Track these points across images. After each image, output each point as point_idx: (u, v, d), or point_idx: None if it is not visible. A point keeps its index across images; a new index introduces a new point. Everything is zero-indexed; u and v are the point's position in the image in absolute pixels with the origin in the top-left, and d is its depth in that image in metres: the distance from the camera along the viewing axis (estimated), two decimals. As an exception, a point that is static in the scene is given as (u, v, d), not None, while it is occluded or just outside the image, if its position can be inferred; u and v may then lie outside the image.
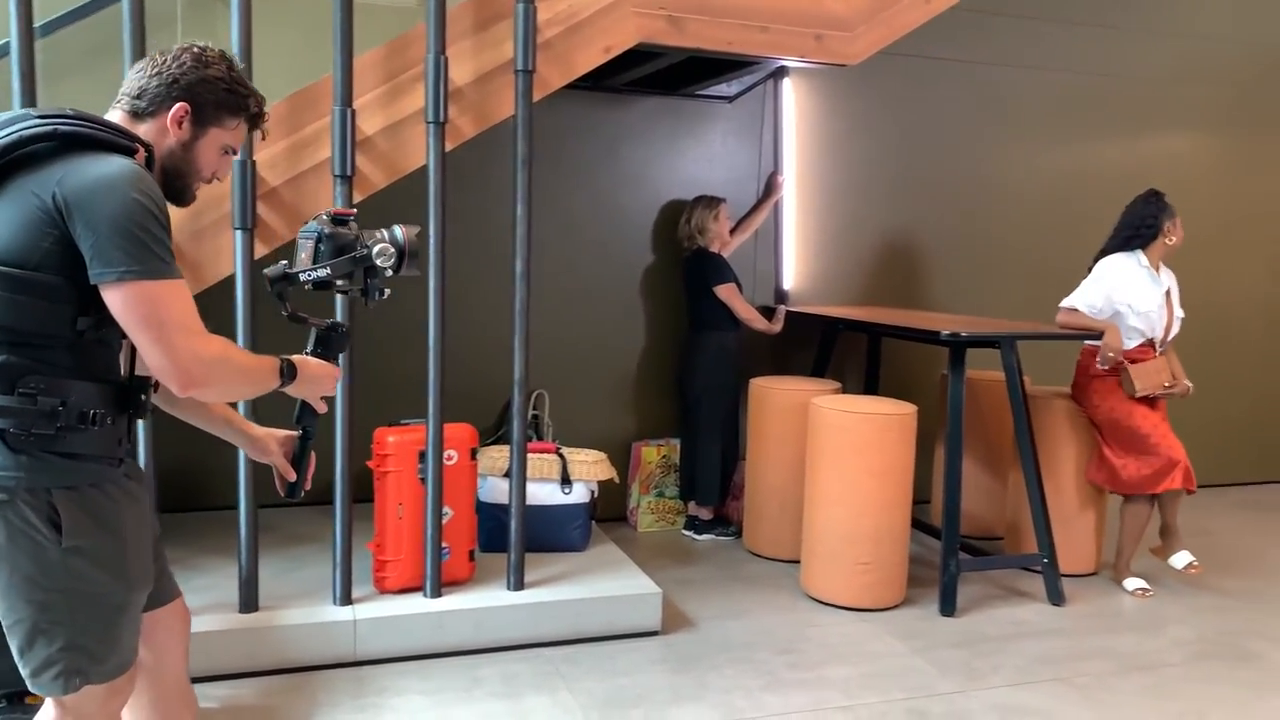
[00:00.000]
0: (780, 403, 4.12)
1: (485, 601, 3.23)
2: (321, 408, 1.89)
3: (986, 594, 3.87)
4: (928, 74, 4.99)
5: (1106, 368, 3.87)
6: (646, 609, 3.37)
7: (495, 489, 3.66)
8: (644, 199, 4.62)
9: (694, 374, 4.41)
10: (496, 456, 3.70)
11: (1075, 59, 5.22)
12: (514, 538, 3.31)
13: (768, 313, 4.61)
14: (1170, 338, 4.00)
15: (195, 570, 3.32)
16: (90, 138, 1.57)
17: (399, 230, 1.85)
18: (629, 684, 3.00)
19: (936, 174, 5.08)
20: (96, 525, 1.60)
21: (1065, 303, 3.95)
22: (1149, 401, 3.87)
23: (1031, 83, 5.16)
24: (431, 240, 3.12)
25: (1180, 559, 3.93)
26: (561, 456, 3.74)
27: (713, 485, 4.38)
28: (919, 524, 4.33)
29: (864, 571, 3.62)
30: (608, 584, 3.42)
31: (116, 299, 1.52)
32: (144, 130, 1.68)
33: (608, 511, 4.62)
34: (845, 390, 4.35)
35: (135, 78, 1.69)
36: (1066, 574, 4.02)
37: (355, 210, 1.95)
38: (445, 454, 3.23)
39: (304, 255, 1.82)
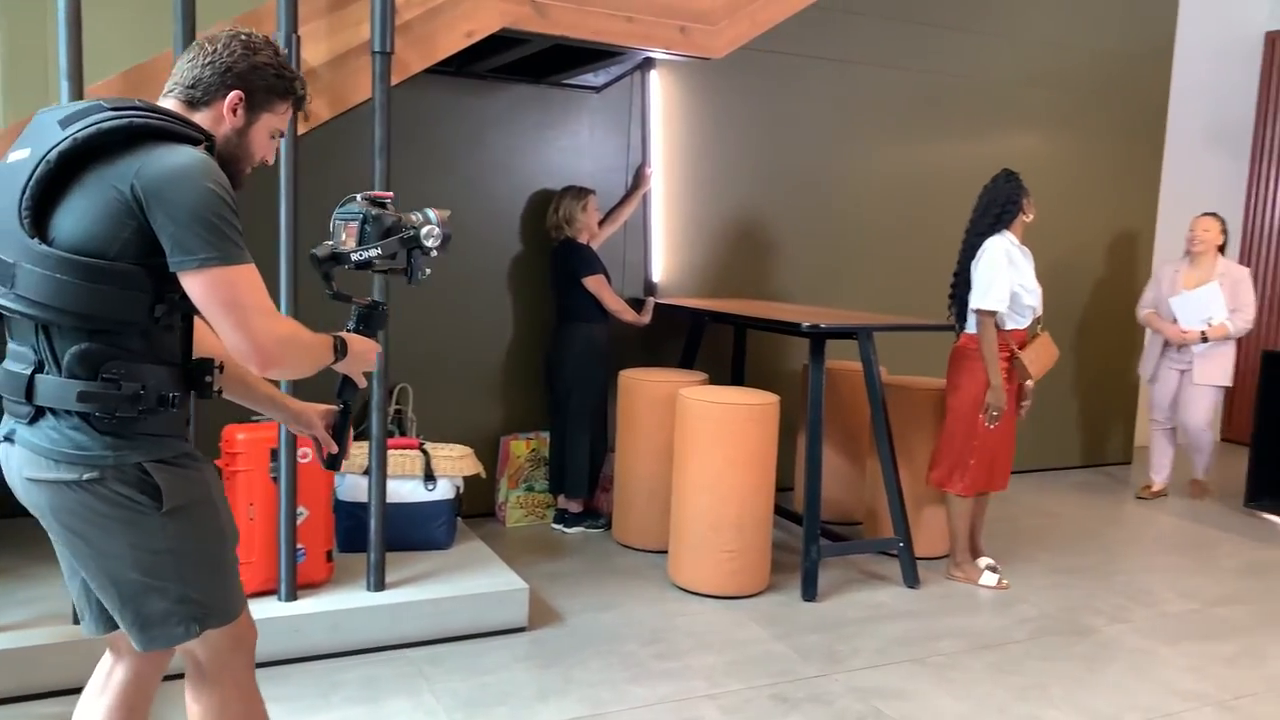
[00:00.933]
0: (649, 394, 4.13)
1: (344, 603, 3.12)
2: (362, 382, 1.95)
3: (847, 578, 3.98)
4: (792, 70, 5.08)
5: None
6: (513, 605, 3.33)
7: (355, 487, 3.54)
8: (511, 188, 4.55)
9: (563, 366, 4.38)
10: (356, 453, 3.57)
11: (931, 59, 5.42)
12: (374, 537, 3.21)
13: (637, 304, 4.62)
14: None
15: (26, 581, 3.10)
16: (161, 129, 1.60)
17: (432, 212, 1.96)
18: (494, 682, 2.95)
19: (800, 169, 5.19)
20: (189, 489, 1.68)
21: (980, 305, 3.77)
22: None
23: (889, 81, 5.32)
24: (283, 227, 2.98)
25: (991, 578, 3.99)
26: (425, 452, 3.64)
27: (582, 478, 4.35)
28: (783, 511, 4.42)
29: (729, 559, 3.67)
30: (473, 581, 3.36)
31: (198, 285, 1.57)
32: (200, 118, 1.71)
33: (476, 507, 4.54)
34: (712, 381, 4.40)
35: (187, 67, 1.71)
36: (921, 557, 4.18)
37: (392, 193, 2.02)
38: (299, 452, 3.10)
39: (346, 236, 1.89)
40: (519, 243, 4.58)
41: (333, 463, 2.03)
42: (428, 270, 1.99)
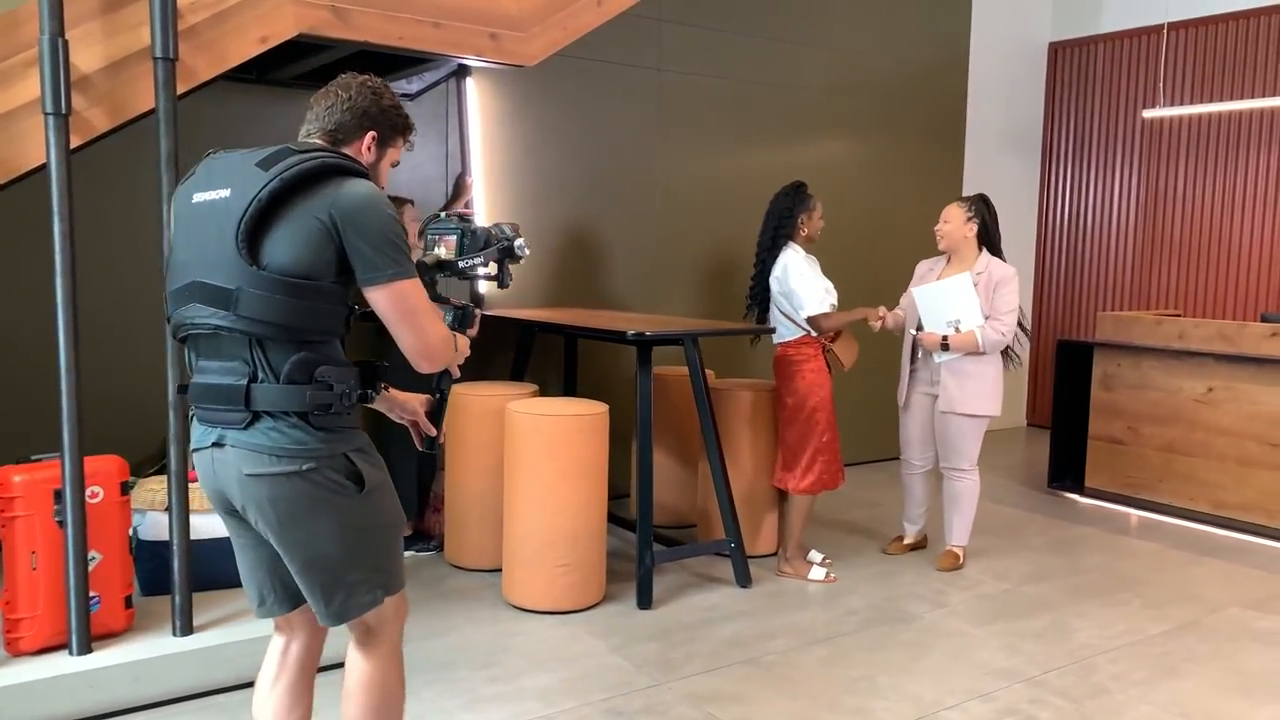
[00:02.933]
0: (477, 409, 4.03)
1: (146, 652, 2.89)
2: (457, 373, 2.15)
3: (682, 583, 4.00)
4: (612, 78, 5.09)
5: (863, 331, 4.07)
6: (336, 639, 3.15)
7: (156, 525, 3.29)
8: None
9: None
10: (157, 489, 3.32)
11: (744, 67, 5.54)
12: (177, 578, 2.98)
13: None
14: None
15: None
16: (342, 166, 1.86)
17: (507, 226, 2.28)
18: (316, 723, 2.79)
19: (624, 176, 5.20)
20: (377, 474, 1.95)
21: (809, 313, 3.91)
22: None
23: (706, 89, 5.41)
24: (56, 243, 2.72)
25: (819, 573, 4.08)
26: (235, 482, 3.41)
27: (408, 499, 4.20)
28: (618, 519, 4.40)
29: (564, 573, 3.61)
30: (292, 617, 3.17)
31: (384, 297, 1.84)
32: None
33: (298, 535, 4.32)
34: (545, 392, 4.33)
35: (326, 113, 1.98)
36: (754, 555, 4.25)
37: (473, 210, 2.34)
38: (88, 491, 2.84)
39: (445, 249, 2.19)
40: (334, 257, 4.37)
41: (430, 445, 2.22)
42: (511, 278, 2.34)
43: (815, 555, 4.22)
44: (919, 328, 4.18)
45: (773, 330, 4.07)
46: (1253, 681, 3.21)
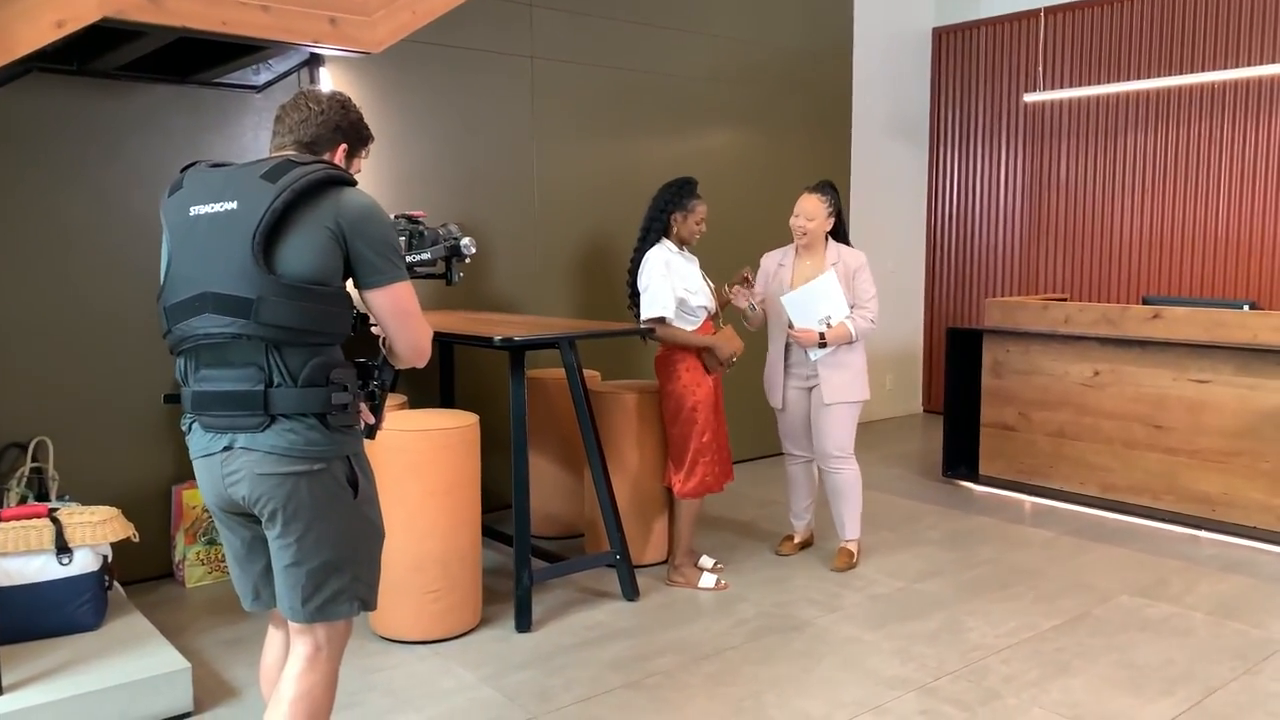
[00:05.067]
0: (336, 425, 3.72)
1: (-57, 722, 2.54)
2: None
3: (567, 599, 3.79)
4: (480, 67, 4.82)
5: (724, 367, 3.89)
6: (173, 690, 2.85)
7: (-40, 573, 2.92)
8: (158, 202, 3.97)
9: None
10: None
11: (621, 55, 5.33)
12: (-20, 635, 2.64)
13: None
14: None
15: None
16: (340, 177, 1.95)
17: (456, 227, 2.44)
18: (143, 792, 2.49)
19: (497, 170, 4.94)
20: (369, 480, 2.05)
21: (648, 315, 3.80)
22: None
23: (582, 77, 5.18)
24: None
25: (710, 579, 3.93)
26: (55, 520, 3.07)
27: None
28: (500, 535, 4.17)
29: (434, 600, 3.36)
30: (122, 667, 2.85)
31: (384, 299, 1.96)
32: None
33: (152, 569, 3.98)
34: (418, 404, 4.06)
35: (300, 125, 2.06)
36: (645, 564, 4.07)
37: (425, 212, 2.54)
38: None
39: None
40: (177, 264, 4.01)
41: (370, 432, 2.14)
42: (461, 274, 2.47)
43: (706, 561, 4.05)
44: (789, 326, 4.04)
45: (651, 331, 3.88)
46: (1142, 675, 3.15)
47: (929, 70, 7.58)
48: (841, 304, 3.95)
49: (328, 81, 4.30)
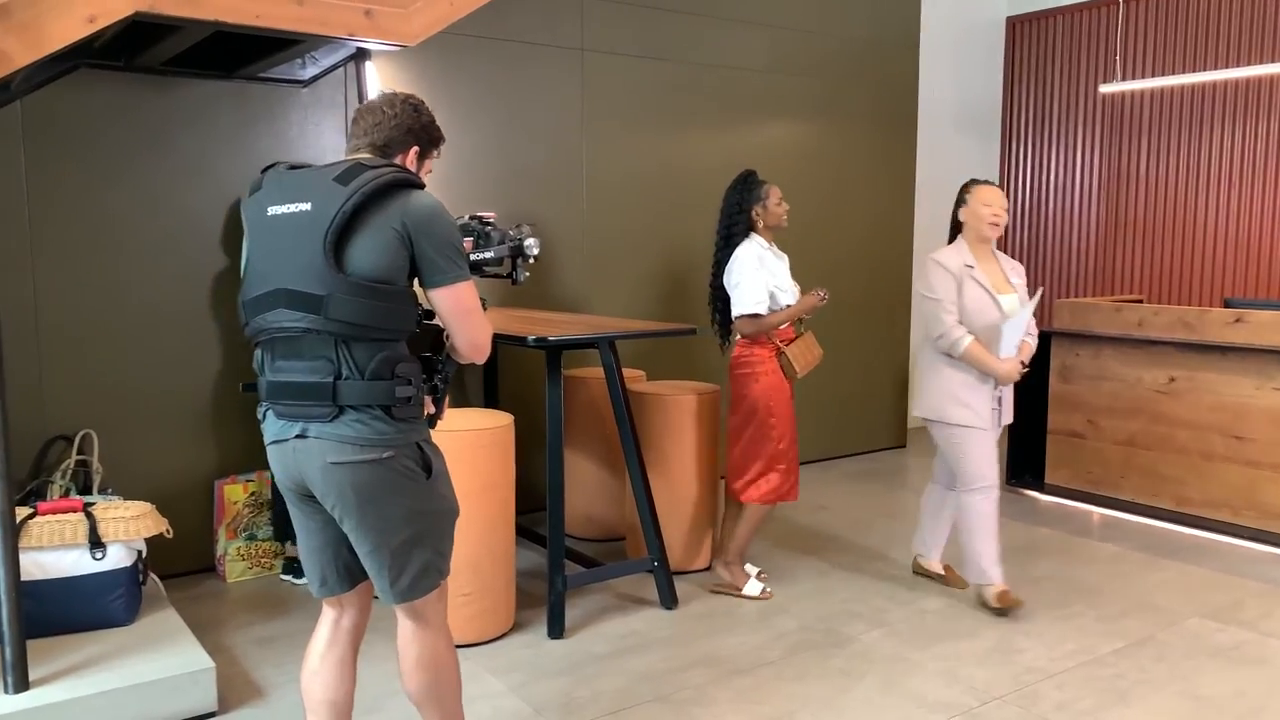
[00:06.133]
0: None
1: (-31, 715, 2.56)
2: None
3: (603, 605, 3.70)
4: (531, 60, 4.75)
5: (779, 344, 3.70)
6: (197, 689, 2.84)
7: (-4, 565, 2.95)
8: (208, 196, 3.99)
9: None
10: None
11: (677, 47, 5.20)
12: (7, 627, 2.66)
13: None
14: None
15: None
16: (407, 180, 2.03)
17: (526, 228, 2.52)
18: (159, 793, 2.47)
19: (547, 165, 4.87)
20: (441, 462, 2.16)
21: (742, 311, 3.63)
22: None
23: (634, 71, 5.08)
24: None
25: (755, 587, 3.81)
26: (89, 515, 3.08)
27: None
28: (539, 537, 4.09)
29: (466, 604, 3.30)
30: (148, 665, 2.85)
31: (448, 297, 2.05)
32: None
33: (195, 563, 4.00)
34: (464, 403, 4.01)
35: (373, 129, 2.15)
36: (687, 571, 3.97)
37: (495, 214, 2.57)
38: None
39: (466, 244, 2.31)
40: (222, 256, 4.03)
41: (431, 422, 2.23)
42: (526, 274, 2.58)
43: (751, 569, 3.92)
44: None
45: (692, 331, 3.75)
46: (1208, 708, 2.93)
47: (1001, 61, 7.29)
48: (1031, 323, 3.62)
49: (373, 75, 4.27)
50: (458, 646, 3.27)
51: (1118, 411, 4.98)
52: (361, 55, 4.16)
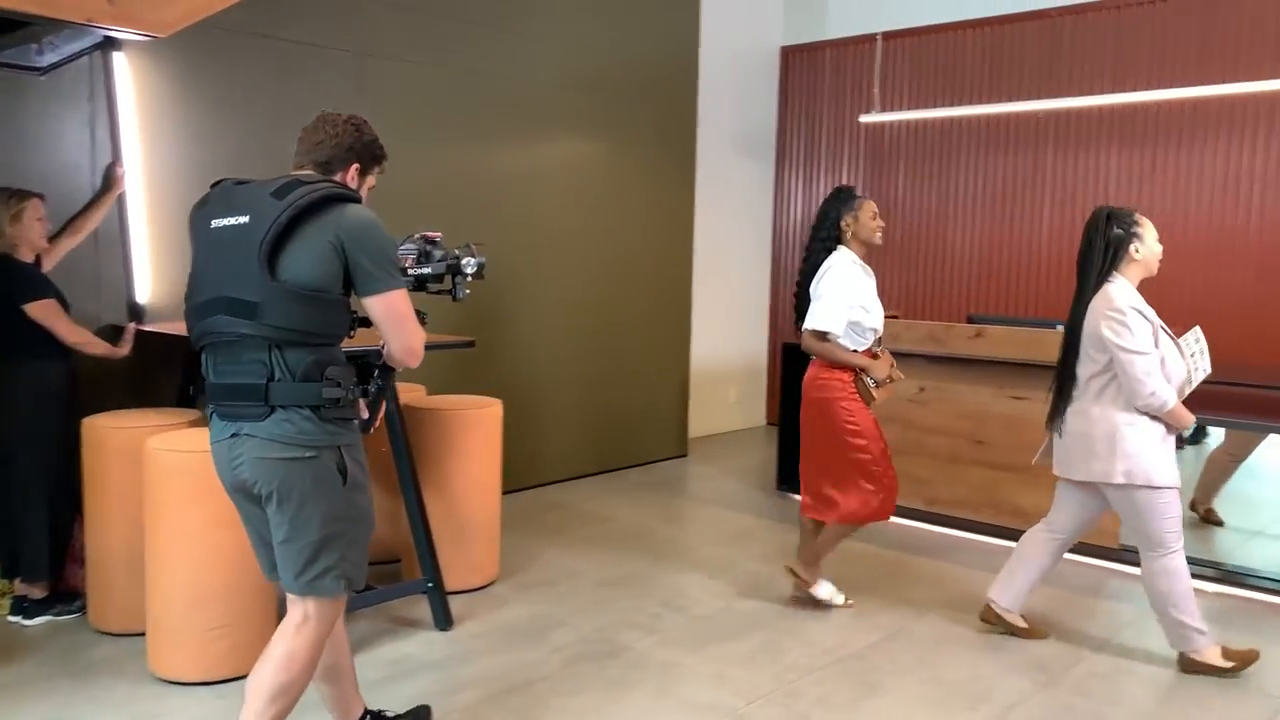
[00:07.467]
0: (117, 444, 3.40)
1: None
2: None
3: (376, 630, 3.57)
4: (304, 61, 4.54)
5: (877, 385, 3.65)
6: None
7: None
8: None
9: (6, 417, 3.51)
10: None
11: (460, 56, 5.14)
12: None
13: (118, 333, 3.85)
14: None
15: None
16: (343, 194, 2.24)
17: (472, 247, 2.69)
18: None
19: (319, 171, 4.66)
20: (360, 470, 2.31)
21: (815, 325, 3.57)
22: None
23: (415, 77, 4.97)
24: None
25: (827, 590, 3.83)
26: None
27: (40, 556, 3.53)
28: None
29: (220, 637, 3.09)
30: None
31: (381, 304, 2.24)
32: None
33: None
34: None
35: (315, 147, 2.36)
36: (464, 590, 3.89)
37: (440, 233, 2.73)
38: None
39: (408, 260, 2.68)
40: (-62, 263, 3.60)
41: (365, 427, 2.41)
42: (467, 291, 2.71)
43: (830, 591, 3.88)
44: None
45: (470, 343, 3.70)
46: (950, 692, 3.17)
47: (776, 88, 7.67)
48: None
49: (122, 66, 3.98)
50: (210, 682, 3.10)
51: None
52: (110, 45, 3.87)
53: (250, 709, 2.28)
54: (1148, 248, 3.31)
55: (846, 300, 3.56)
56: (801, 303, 3.76)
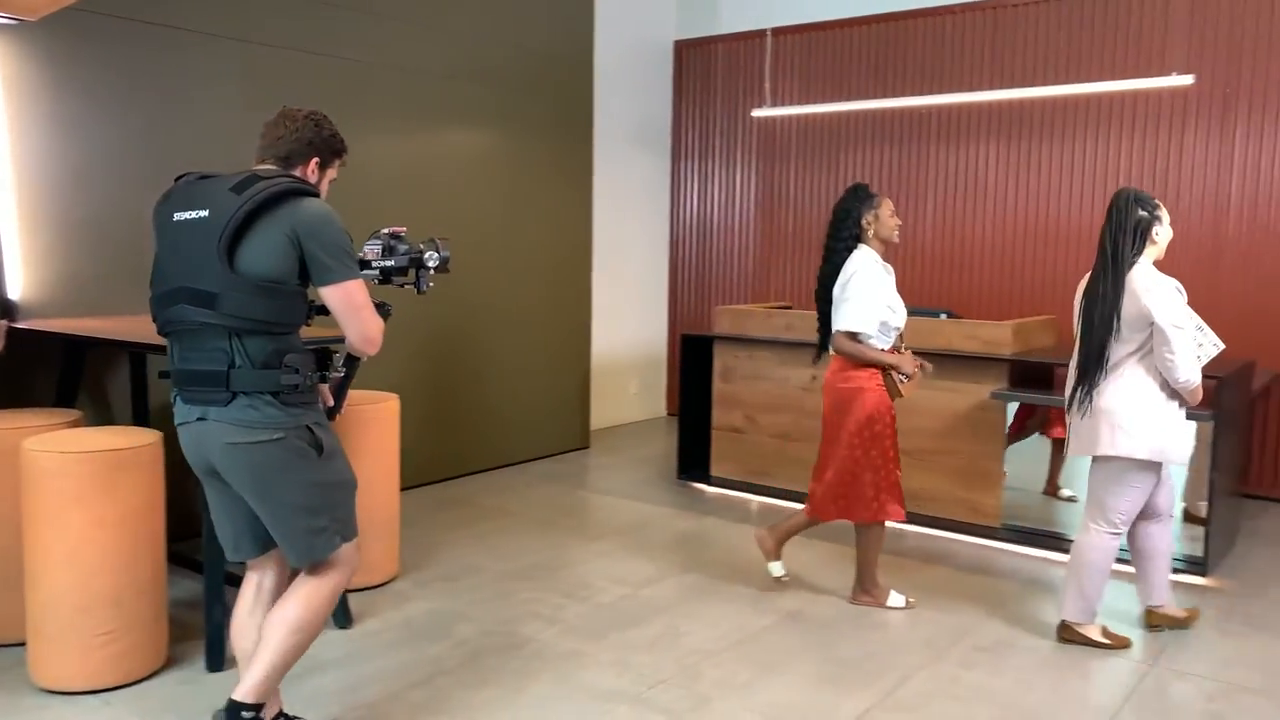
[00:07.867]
0: (-11, 446, 3.24)
1: None
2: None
3: (272, 631, 3.49)
4: (185, 48, 4.39)
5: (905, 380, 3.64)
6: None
7: None
8: None
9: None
10: None
11: (347, 45, 5.04)
12: None
13: (-12, 331, 3.66)
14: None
15: None
16: (300, 189, 2.35)
17: (437, 242, 2.72)
18: None
19: (200, 159, 4.50)
20: (334, 440, 2.47)
21: (848, 326, 3.57)
22: None
23: (302, 67, 4.85)
24: None
25: (899, 599, 3.84)
26: None
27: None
28: (194, 563, 3.80)
29: (107, 642, 2.99)
30: None
31: (337, 294, 2.35)
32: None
33: None
34: (105, 421, 3.61)
35: (275, 143, 2.46)
36: (363, 587, 3.84)
37: (405, 228, 2.75)
38: None
39: (371, 256, 2.67)
40: None
41: (330, 414, 2.59)
42: (431, 284, 2.74)
43: (897, 598, 3.87)
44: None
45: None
46: (844, 669, 3.29)
47: (670, 81, 7.75)
48: None
49: (-13, 53, 3.78)
50: (98, 691, 3.00)
51: (771, 408, 5.46)
52: (-29, 29, 3.67)
53: (268, 643, 2.40)
54: (1166, 231, 3.31)
55: (877, 302, 3.59)
56: (824, 303, 3.76)
